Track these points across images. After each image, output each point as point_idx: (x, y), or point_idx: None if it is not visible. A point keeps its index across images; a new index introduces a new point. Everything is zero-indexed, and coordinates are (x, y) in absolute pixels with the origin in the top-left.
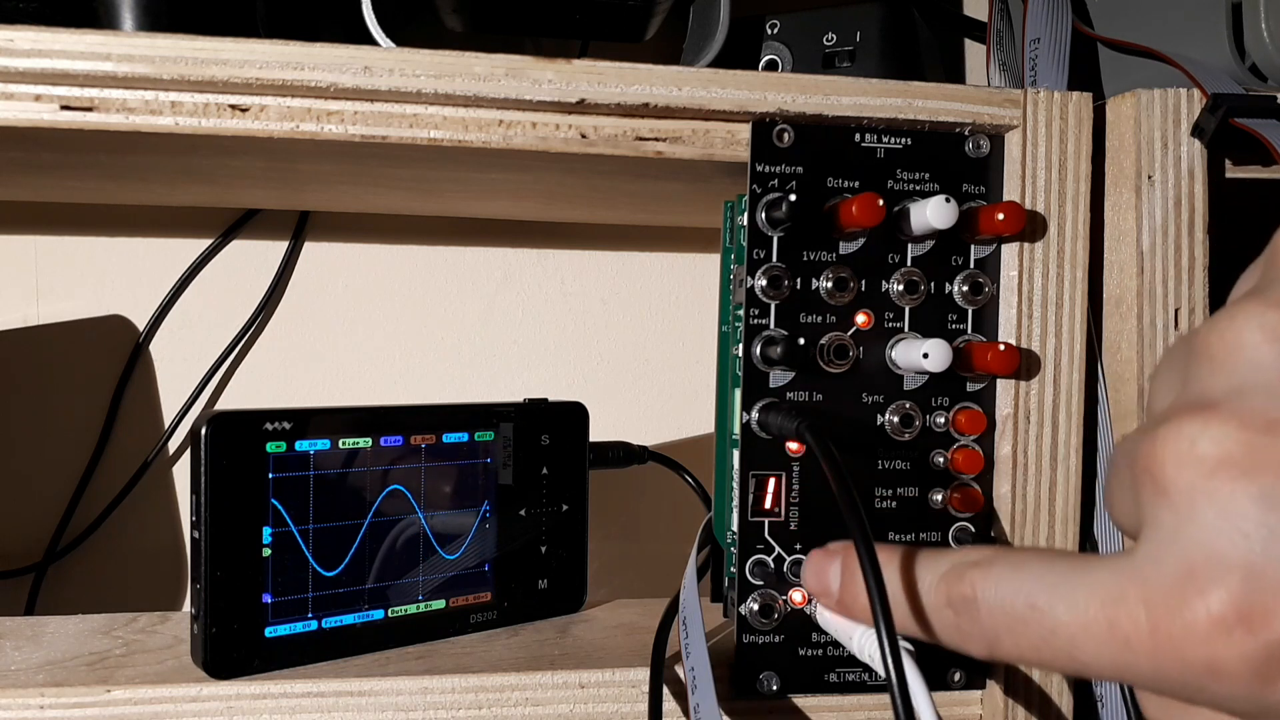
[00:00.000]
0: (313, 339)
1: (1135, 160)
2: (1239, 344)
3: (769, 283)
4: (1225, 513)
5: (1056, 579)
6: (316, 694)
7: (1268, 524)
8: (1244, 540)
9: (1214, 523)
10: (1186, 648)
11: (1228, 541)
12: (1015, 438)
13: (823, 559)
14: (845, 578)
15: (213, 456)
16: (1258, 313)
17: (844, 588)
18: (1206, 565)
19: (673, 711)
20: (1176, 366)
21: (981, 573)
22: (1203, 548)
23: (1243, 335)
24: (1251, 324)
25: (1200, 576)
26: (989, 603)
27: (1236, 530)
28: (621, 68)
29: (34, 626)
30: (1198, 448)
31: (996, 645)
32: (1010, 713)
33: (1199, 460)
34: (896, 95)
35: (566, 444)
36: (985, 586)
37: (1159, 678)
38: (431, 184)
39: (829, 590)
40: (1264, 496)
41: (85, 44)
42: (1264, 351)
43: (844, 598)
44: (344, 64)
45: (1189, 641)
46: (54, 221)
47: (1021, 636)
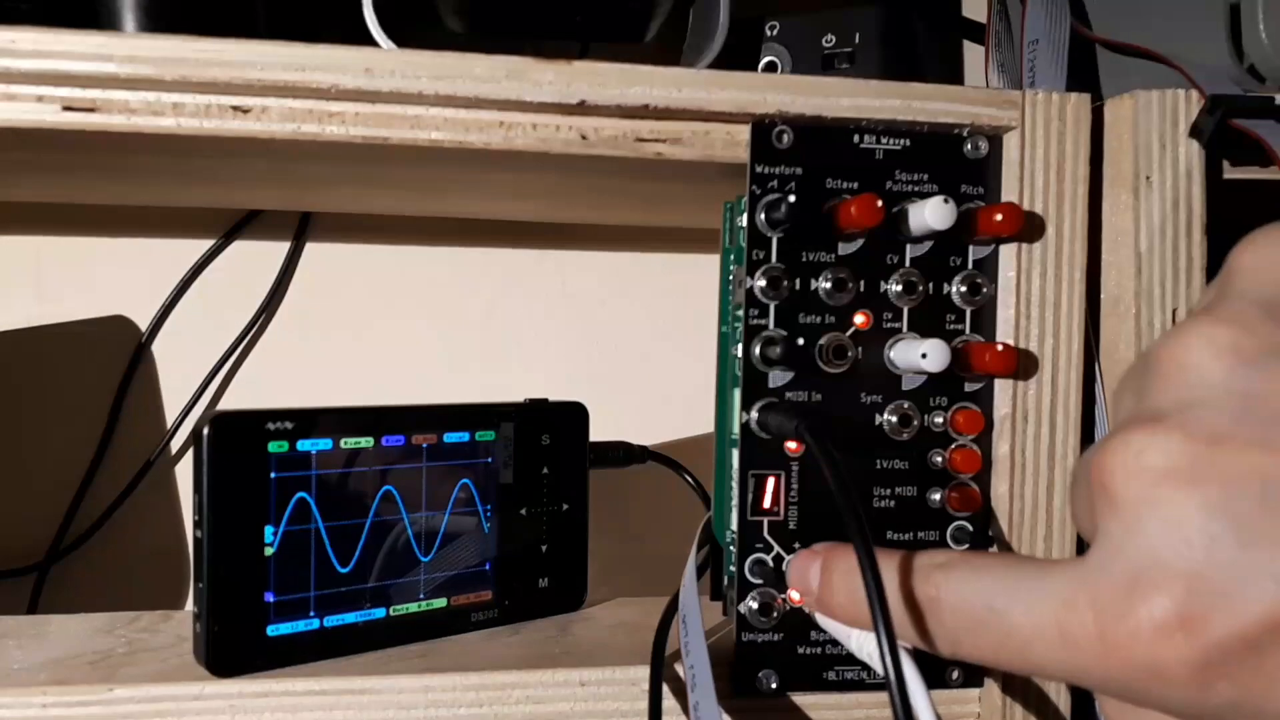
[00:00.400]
0: (314, 339)
1: (1133, 161)
2: (1187, 360)
3: (768, 283)
4: (1170, 521)
5: (1014, 583)
6: (318, 692)
7: (1209, 532)
8: (1187, 548)
9: (1158, 531)
10: (1131, 651)
11: (1171, 550)
12: (1013, 438)
13: (806, 558)
14: (824, 577)
15: (215, 456)
16: (1206, 330)
17: (822, 586)
18: (1151, 572)
19: (672, 709)
20: (1134, 382)
21: (944, 574)
22: (1148, 555)
23: (1191, 352)
24: (1200, 341)
25: (1145, 583)
26: (951, 604)
27: (1180, 539)
28: (622, 69)
29: (37, 625)
30: (1144, 459)
31: (958, 646)
32: (1008, 711)
33: (1145, 471)
34: (895, 96)
35: (567, 444)
36: (948, 588)
37: (1106, 680)
38: (432, 185)
39: (809, 589)
40: (1207, 506)
41: (87, 45)
42: (1211, 367)
43: (822, 595)
44: (345, 65)
45: (1133, 645)
46: (56, 222)
47: (980, 638)
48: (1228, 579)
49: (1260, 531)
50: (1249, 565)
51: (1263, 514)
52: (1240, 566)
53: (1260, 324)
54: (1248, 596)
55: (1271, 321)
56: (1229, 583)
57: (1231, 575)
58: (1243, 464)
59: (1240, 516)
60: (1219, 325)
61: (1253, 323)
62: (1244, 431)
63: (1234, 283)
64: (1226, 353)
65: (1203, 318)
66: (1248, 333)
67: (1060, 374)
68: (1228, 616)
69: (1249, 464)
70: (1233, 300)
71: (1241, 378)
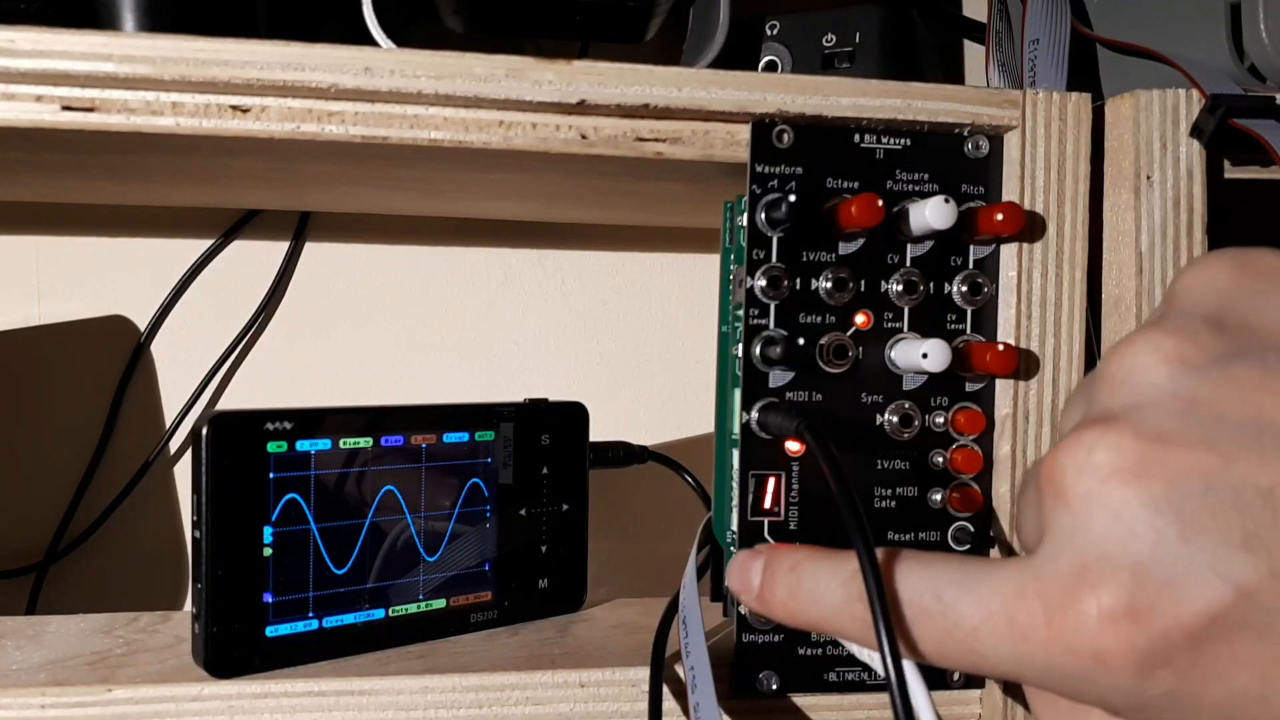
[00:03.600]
0: (314, 339)
1: (1134, 161)
2: (1135, 366)
3: (769, 283)
4: (1117, 516)
5: (963, 576)
6: (317, 693)
7: (1155, 527)
8: (1133, 541)
9: (1106, 525)
10: (1077, 639)
11: (1118, 543)
12: (1014, 437)
13: (747, 557)
14: (766, 574)
15: (214, 456)
16: (1154, 339)
17: (764, 583)
18: (1099, 564)
19: (673, 710)
20: (1082, 396)
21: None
22: (1096, 548)
23: (1139, 359)
24: (1148, 348)
25: (1093, 574)
26: (897, 594)
27: (1127, 532)
28: (621, 68)
29: (35, 626)
30: (1094, 456)
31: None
32: (1009, 712)
33: (1095, 467)
34: (896, 96)
35: (566, 444)
36: (898, 580)
37: (1050, 670)
38: (432, 184)
39: (750, 587)
40: (1153, 501)
41: (86, 45)
42: (1158, 372)
43: (763, 593)
44: (345, 65)
45: (1080, 634)
46: (55, 222)
47: (926, 627)
48: (1172, 572)
49: (1202, 527)
50: (1191, 559)
51: (1205, 510)
52: (1183, 560)
53: (1203, 334)
54: (1190, 589)
55: (1214, 333)
56: (1173, 576)
57: (1175, 568)
58: (1188, 462)
59: (1184, 512)
60: (1166, 335)
61: (1197, 333)
62: (1189, 432)
63: (1177, 301)
64: (1173, 359)
65: (1150, 329)
66: (1192, 342)
67: (1061, 374)
68: (1171, 608)
69: (1193, 463)
70: (1178, 315)
71: (1187, 383)
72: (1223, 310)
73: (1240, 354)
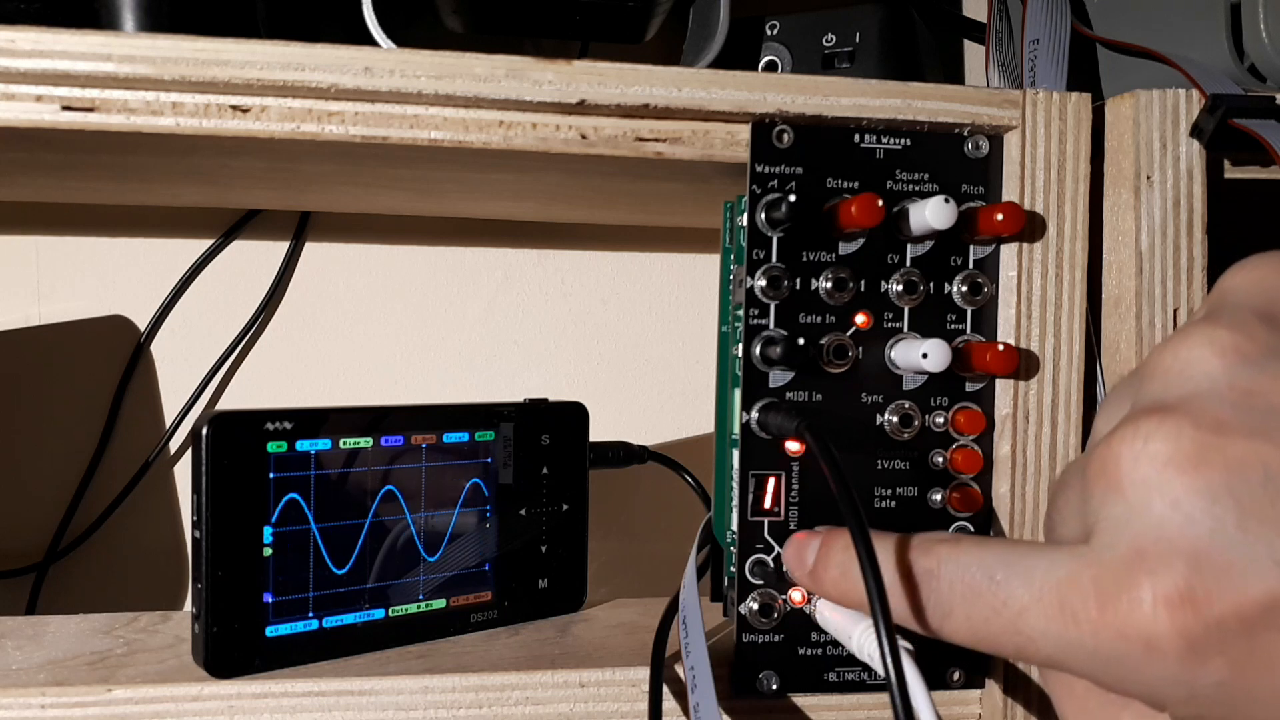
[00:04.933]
0: (314, 339)
1: (1134, 161)
2: (1190, 358)
3: (769, 283)
4: (1175, 503)
5: (1017, 558)
6: (317, 693)
7: (1214, 515)
8: (1191, 528)
9: (1164, 512)
10: (1130, 624)
11: (1176, 529)
12: (1014, 437)
13: (805, 536)
14: (821, 553)
15: (214, 456)
16: (1207, 332)
17: (819, 561)
18: (1156, 549)
19: (673, 711)
20: (1126, 392)
21: (949, 548)
22: (1153, 534)
23: (1194, 350)
24: (1202, 340)
25: (1150, 558)
26: (949, 575)
27: (1185, 519)
28: (621, 68)
29: (35, 626)
30: (1152, 444)
31: (948, 617)
32: (1009, 712)
33: (1153, 456)
34: (896, 96)
35: (566, 444)
36: (949, 560)
37: (1096, 655)
38: (432, 184)
39: (804, 563)
40: (1212, 490)
41: (86, 45)
42: (1214, 364)
43: (816, 570)
44: (345, 65)
45: (1132, 618)
46: (55, 222)
47: (974, 607)
48: (1230, 559)
49: (1261, 516)
50: (1250, 547)
51: (1264, 500)
52: (1242, 548)
53: (1258, 328)
54: (1248, 577)
55: (1267, 328)
56: (1231, 563)
57: (1233, 556)
58: (1246, 452)
59: (1243, 501)
60: (1220, 328)
61: (1251, 327)
62: (1248, 422)
63: (1228, 298)
64: (1229, 351)
65: (1202, 324)
66: (1247, 335)
67: (1061, 374)
68: (1229, 594)
69: (1252, 452)
70: (1230, 309)
71: (1243, 374)
72: (1274, 306)
73: None
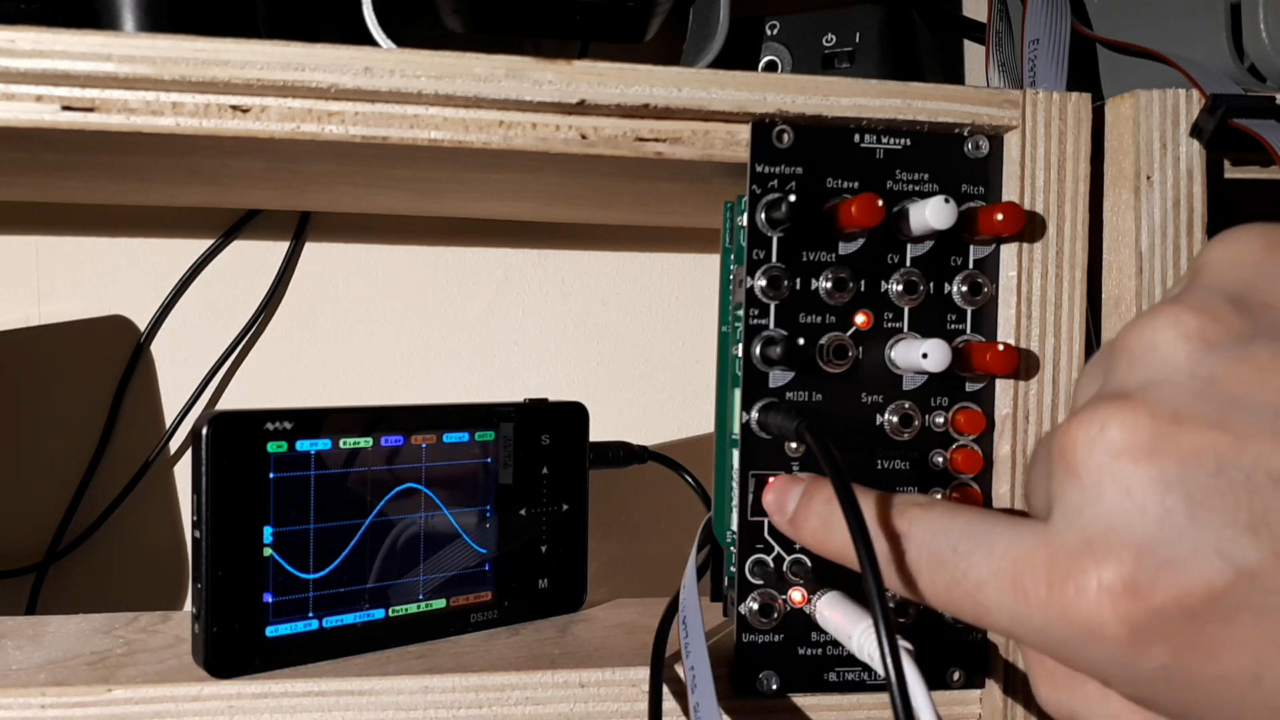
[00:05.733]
0: (314, 339)
1: (1134, 161)
2: (1154, 342)
3: (769, 283)
4: (1127, 492)
5: (982, 531)
6: (317, 693)
7: (1164, 505)
8: (1141, 518)
9: (1116, 501)
10: (1074, 609)
11: (1125, 519)
12: (1014, 438)
13: (787, 481)
14: (803, 500)
15: (214, 456)
16: (1173, 314)
17: (800, 508)
18: (1104, 538)
19: (673, 711)
20: (1100, 367)
21: (921, 511)
22: (1103, 523)
23: (1159, 334)
24: (1166, 323)
25: (1098, 547)
26: (918, 540)
27: (1136, 509)
28: (621, 68)
29: (35, 626)
30: (1107, 432)
31: (914, 581)
32: (1009, 712)
33: (1108, 444)
34: (896, 96)
35: (566, 444)
36: (921, 525)
37: (1044, 633)
38: (432, 184)
39: (785, 509)
40: (1164, 480)
41: (86, 45)
42: (1177, 349)
43: (797, 517)
44: (345, 65)
45: (1077, 604)
46: (55, 222)
47: (937, 574)
48: (1176, 551)
49: (1210, 507)
50: (1197, 539)
51: (1214, 491)
52: (1189, 540)
53: (1225, 312)
54: (1192, 568)
55: (1236, 311)
56: (1176, 554)
57: (1180, 547)
58: (1200, 443)
59: (1193, 492)
60: (1186, 312)
61: (1219, 311)
62: (1204, 412)
63: (1201, 276)
64: (1193, 337)
65: (1171, 305)
66: (1213, 320)
67: (1061, 374)
68: (1171, 586)
69: (1206, 443)
70: (1200, 290)
71: (1205, 362)
72: (1247, 287)
73: (1262, 334)
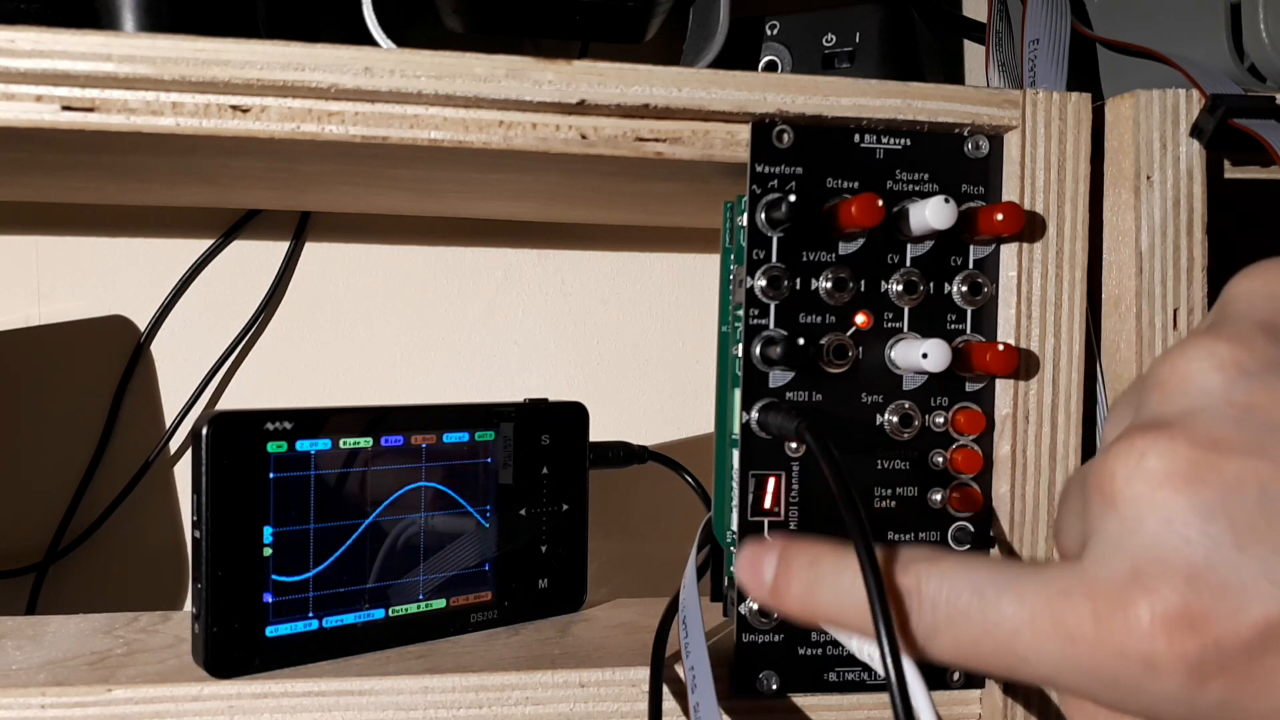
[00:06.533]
0: (314, 339)
1: (1134, 161)
2: (1189, 372)
3: (769, 283)
4: (1170, 522)
5: (1006, 578)
6: (317, 693)
7: (1209, 534)
8: (1187, 547)
9: (1159, 530)
10: (1129, 643)
11: (1172, 548)
12: (1014, 438)
13: (758, 549)
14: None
15: (214, 456)
16: (1207, 345)
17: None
18: (1152, 568)
19: (673, 711)
20: (1130, 402)
21: (928, 565)
22: (1149, 552)
23: (1193, 364)
24: (1201, 354)
25: (1146, 578)
26: (932, 594)
27: (1180, 538)
28: (621, 69)
29: (35, 626)
30: (1147, 461)
31: (932, 638)
32: (1009, 712)
33: (1148, 473)
34: (896, 96)
35: (566, 444)
36: (930, 578)
37: (1095, 675)
38: (432, 184)
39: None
40: (1206, 508)
41: (86, 45)
42: (1213, 379)
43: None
44: (345, 65)
45: (1132, 637)
46: (55, 222)
47: (962, 629)
48: (1226, 579)
49: (1257, 535)
50: (1246, 567)
51: (1260, 518)
52: (1238, 568)
53: (1259, 341)
54: (1246, 598)
55: (1269, 340)
56: (1228, 583)
57: (1230, 576)
58: (1242, 470)
59: (1238, 520)
60: (1220, 341)
61: (1252, 340)
62: (1244, 439)
63: (1231, 307)
64: (1229, 366)
65: (1203, 336)
66: (1248, 349)
67: (1061, 374)
68: (1227, 615)
69: (1248, 470)
70: (1232, 321)
71: (1242, 389)
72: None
73: None
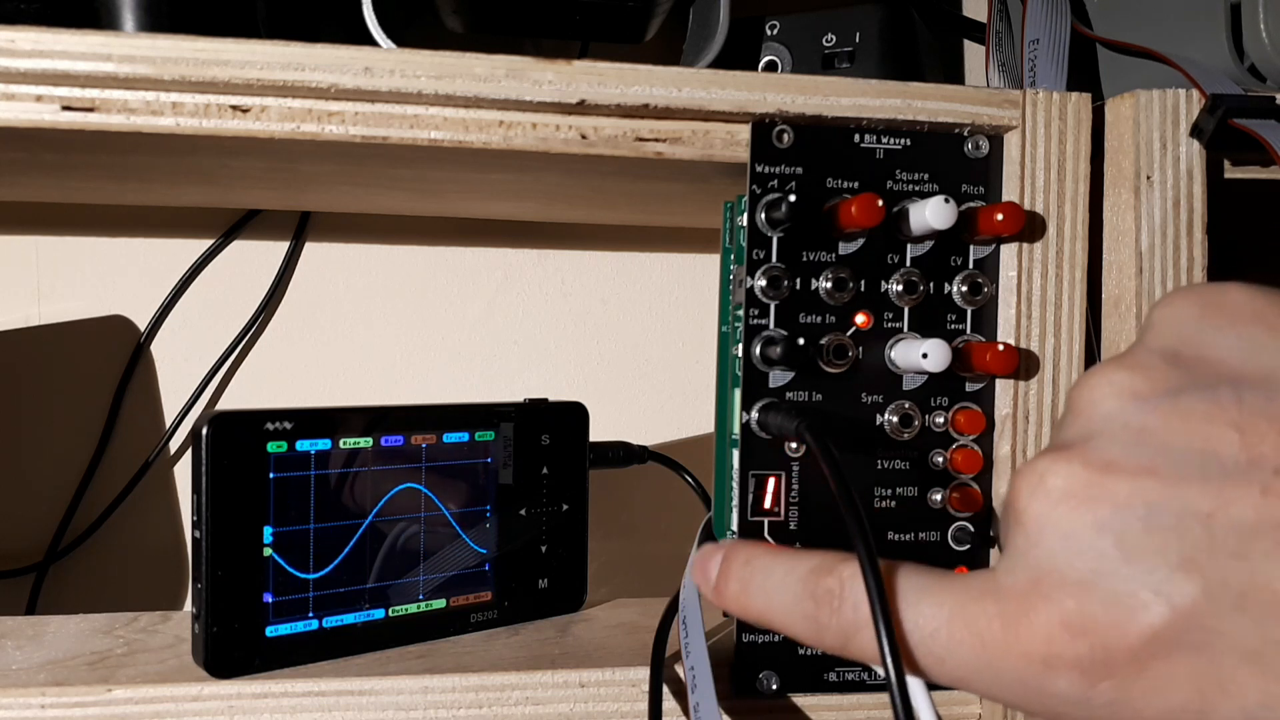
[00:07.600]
0: (314, 339)
1: (1134, 161)
2: (1093, 399)
3: (769, 283)
4: (1066, 537)
5: (925, 582)
6: (317, 693)
7: (1098, 548)
8: (1080, 560)
9: (1056, 544)
10: (1031, 645)
11: (1066, 561)
12: (1014, 438)
13: (710, 550)
14: (723, 567)
15: (214, 456)
16: (1110, 374)
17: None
18: (1050, 578)
19: (673, 711)
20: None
21: (851, 569)
22: (1047, 564)
23: (1096, 391)
24: (1104, 381)
25: (1045, 586)
26: (853, 597)
27: (1075, 552)
28: (621, 68)
29: (35, 626)
30: (1047, 481)
31: (852, 639)
32: (1009, 712)
33: (1047, 492)
34: (896, 96)
35: (566, 444)
36: (853, 581)
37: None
38: (432, 184)
39: (708, 579)
40: (1098, 524)
41: (86, 45)
42: (1111, 405)
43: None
44: (345, 65)
45: (1034, 640)
46: (55, 222)
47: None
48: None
49: (1143, 549)
50: (1133, 579)
51: (1145, 533)
52: (1126, 580)
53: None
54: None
55: (1169, 366)
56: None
57: (1118, 587)
58: (1131, 489)
59: (1126, 535)
60: (1121, 370)
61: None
62: (1135, 460)
63: (1145, 335)
64: (1125, 393)
65: (1110, 364)
66: (1145, 376)
67: (1061, 374)
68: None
69: (1136, 489)
70: (1138, 349)
71: (1137, 414)
72: (1181, 344)
73: (1192, 387)
